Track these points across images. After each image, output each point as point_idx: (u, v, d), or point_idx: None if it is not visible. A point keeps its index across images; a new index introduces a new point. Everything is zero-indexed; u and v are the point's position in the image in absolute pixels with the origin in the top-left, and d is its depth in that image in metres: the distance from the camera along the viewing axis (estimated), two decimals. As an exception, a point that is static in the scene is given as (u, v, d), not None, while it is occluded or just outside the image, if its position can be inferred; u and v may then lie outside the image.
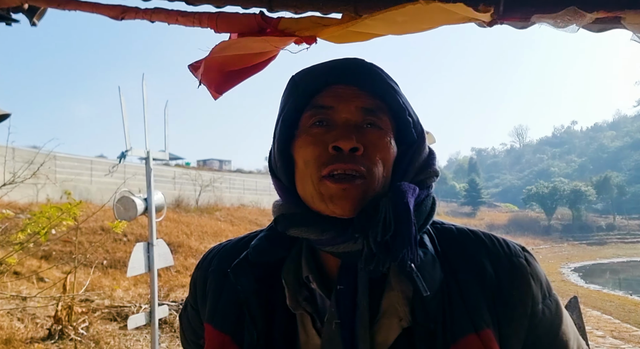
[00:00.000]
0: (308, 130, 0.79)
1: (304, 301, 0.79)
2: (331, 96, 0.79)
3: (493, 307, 0.75)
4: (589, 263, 31.79)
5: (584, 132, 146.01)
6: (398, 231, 0.71)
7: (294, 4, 1.99)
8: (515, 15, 1.69)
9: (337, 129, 0.77)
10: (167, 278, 10.44)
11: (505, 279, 0.77)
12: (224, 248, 0.94)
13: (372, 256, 0.71)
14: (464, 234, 0.82)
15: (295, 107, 0.81)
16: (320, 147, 0.76)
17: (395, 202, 0.72)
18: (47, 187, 12.43)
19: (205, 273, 0.91)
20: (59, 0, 2.00)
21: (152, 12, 1.94)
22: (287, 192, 0.83)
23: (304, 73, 0.84)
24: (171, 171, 26.18)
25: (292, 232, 0.79)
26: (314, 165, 0.76)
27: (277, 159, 0.82)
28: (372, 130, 0.78)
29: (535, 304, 0.77)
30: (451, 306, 0.74)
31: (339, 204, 0.74)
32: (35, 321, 6.20)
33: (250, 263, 0.82)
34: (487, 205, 65.50)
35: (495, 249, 0.80)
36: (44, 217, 4.33)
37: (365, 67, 0.82)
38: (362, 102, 0.78)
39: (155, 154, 4.98)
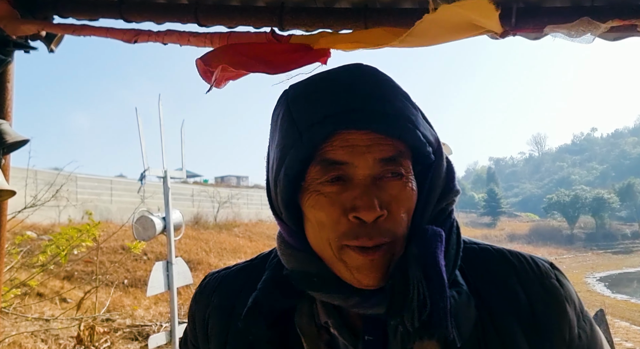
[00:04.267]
0: (319, 187, 0.67)
1: (325, 346, 0.72)
2: (344, 148, 0.66)
3: (530, 336, 0.70)
4: (615, 272, 31.06)
5: (604, 139, 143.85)
6: (434, 308, 0.64)
7: (305, 22, 2.01)
8: (527, 27, 1.67)
9: (356, 190, 0.66)
10: (187, 296, 10.45)
11: (540, 307, 0.71)
12: (223, 280, 0.85)
13: (408, 334, 0.65)
14: (488, 255, 0.76)
15: (298, 160, 0.67)
16: (338, 211, 0.66)
17: (426, 271, 0.65)
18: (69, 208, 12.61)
19: (205, 308, 0.83)
20: (74, 27, 2.04)
21: (165, 34, 1.98)
22: (295, 237, 0.73)
23: (301, 106, 0.69)
24: (189, 189, 26.40)
25: (311, 293, 0.72)
26: (332, 232, 0.67)
27: (281, 208, 0.72)
28: (394, 181, 0.67)
29: (571, 329, 0.72)
30: (485, 340, 0.69)
31: (366, 275, 0.67)
32: (59, 341, 6.24)
33: (258, 311, 0.73)
34: (507, 215, 64.58)
35: (525, 272, 0.74)
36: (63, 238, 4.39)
37: (377, 99, 0.67)
38: (379, 152, 0.66)
39: (172, 173, 5.03)
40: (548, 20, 1.63)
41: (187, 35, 1.94)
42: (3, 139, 2.01)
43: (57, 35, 2.30)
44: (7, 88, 2.23)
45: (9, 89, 2.24)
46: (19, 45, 2.15)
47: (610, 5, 1.63)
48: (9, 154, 2.21)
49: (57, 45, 2.32)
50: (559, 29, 1.52)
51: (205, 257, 14.38)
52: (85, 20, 2.20)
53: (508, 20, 1.66)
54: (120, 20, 2.16)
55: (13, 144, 2.08)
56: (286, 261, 0.75)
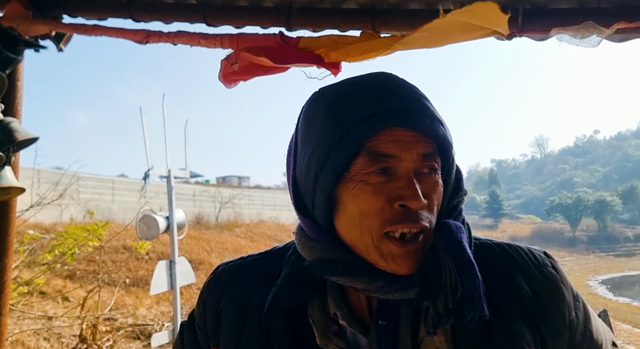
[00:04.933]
0: (366, 177, 0.72)
1: (334, 336, 0.77)
2: (391, 143, 0.72)
3: (534, 325, 0.75)
4: (617, 275, 30.99)
5: (607, 141, 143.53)
6: (467, 293, 0.69)
7: (313, 22, 2.02)
8: (534, 29, 1.69)
9: (400, 181, 0.71)
10: (188, 296, 10.47)
11: (542, 294, 0.77)
12: (238, 271, 0.89)
13: (439, 317, 0.70)
14: (490, 250, 0.81)
15: (347, 152, 0.72)
16: (383, 200, 0.71)
17: (457, 259, 0.71)
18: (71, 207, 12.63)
19: (219, 296, 0.87)
20: (85, 27, 2.06)
21: (175, 35, 1.99)
22: (320, 231, 0.77)
23: (345, 105, 0.75)
24: (191, 189, 26.42)
25: (334, 280, 0.77)
26: (376, 218, 0.71)
27: (320, 202, 0.75)
28: (430, 176, 0.74)
29: (570, 311, 0.79)
30: (489, 333, 0.73)
31: (401, 264, 0.72)
32: (61, 340, 6.26)
33: (277, 307, 0.78)
34: (509, 217, 64.50)
35: (525, 263, 0.80)
36: (71, 238, 4.41)
37: (415, 102, 0.75)
38: (421, 148, 0.73)
39: (176, 172, 5.05)
40: (554, 22, 1.64)
41: (197, 36, 1.96)
42: (13, 137, 2.03)
43: (65, 35, 2.32)
44: (18, 86, 2.26)
45: (19, 88, 2.26)
46: (30, 44, 2.17)
47: (617, 7, 1.64)
48: (19, 151, 2.23)
49: (66, 45, 2.34)
50: (565, 31, 1.53)
51: (206, 258, 14.41)
52: (94, 20, 2.21)
53: (515, 21, 1.67)
54: (129, 20, 2.18)
55: (23, 142, 2.10)
56: (308, 253, 0.79)
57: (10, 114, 2.16)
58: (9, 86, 2.09)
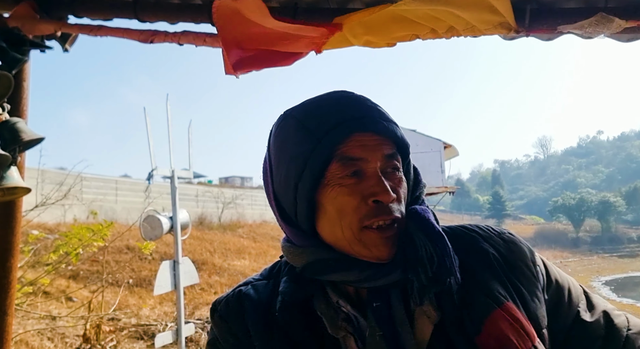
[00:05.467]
0: (340, 181, 0.82)
1: (343, 322, 0.84)
2: (358, 147, 0.82)
3: (506, 279, 0.86)
4: (621, 276, 30.93)
5: (610, 142, 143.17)
6: (442, 262, 0.80)
7: (318, 21, 2.02)
8: (541, 27, 1.68)
9: (370, 180, 0.81)
10: (191, 296, 10.48)
11: (506, 253, 0.89)
12: (244, 298, 0.94)
13: (423, 288, 0.80)
14: (458, 232, 0.93)
15: (321, 159, 0.82)
16: (357, 198, 0.81)
17: (428, 233, 0.82)
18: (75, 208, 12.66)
19: (243, 319, 0.92)
20: (91, 27, 2.06)
21: (181, 35, 1.99)
22: (304, 237, 0.87)
23: (313, 119, 0.84)
24: (194, 189, 26.43)
25: (328, 277, 0.85)
26: (353, 215, 0.81)
27: (302, 208, 0.84)
28: (395, 174, 0.85)
29: (534, 264, 0.90)
30: (469, 294, 0.83)
31: (383, 251, 0.81)
32: (65, 340, 6.28)
33: (288, 303, 0.87)
34: (511, 218, 64.44)
35: (487, 233, 0.93)
36: (75, 238, 4.41)
37: (372, 111, 0.85)
38: (384, 149, 0.83)
39: (179, 172, 5.05)
40: (562, 21, 1.63)
41: (202, 35, 1.96)
42: (19, 137, 2.04)
43: (71, 35, 2.32)
44: (24, 87, 2.26)
45: (25, 88, 2.26)
46: (35, 44, 2.17)
47: (624, 6, 1.63)
48: (24, 151, 2.23)
49: (71, 45, 2.34)
50: (572, 28, 1.52)
51: (209, 258, 14.42)
52: (99, 20, 2.21)
53: (522, 21, 1.66)
54: (134, 20, 2.18)
55: (28, 142, 2.10)
56: (298, 260, 0.88)
57: (16, 114, 2.17)
58: (15, 86, 2.09)
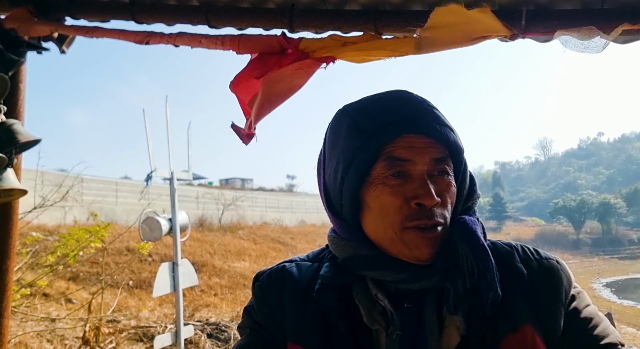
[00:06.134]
0: (385, 180, 0.83)
1: (378, 315, 0.85)
2: (406, 148, 0.83)
3: (533, 305, 0.84)
4: (622, 278, 30.89)
5: (611, 144, 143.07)
6: (482, 275, 0.80)
7: (315, 23, 2.02)
8: (537, 30, 1.67)
9: (415, 183, 0.82)
10: (191, 298, 10.48)
11: (539, 279, 0.87)
12: (287, 274, 0.96)
13: (459, 298, 0.80)
14: (498, 246, 0.92)
15: (369, 156, 0.84)
16: (400, 199, 0.82)
17: (472, 245, 0.82)
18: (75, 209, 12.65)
19: (280, 293, 0.94)
20: (87, 28, 2.06)
21: (176, 36, 1.99)
22: (349, 230, 0.89)
23: (366, 117, 0.86)
24: (194, 191, 26.43)
25: (366, 273, 0.87)
26: (396, 215, 0.82)
27: (346, 202, 0.87)
28: (443, 178, 0.84)
29: (567, 295, 0.87)
30: (494, 312, 0.82)
31: (423, 251, 0.81)
32: (64, 342, 6.27)
33: (327, 286, 0.88)
34: (512, 219, 64.40)
35: (526, 255, 0.90)
36: (73, 239, 4.41)
37: (427, 113, 0.86)
38: (433, 152, 0.83)
39: (179, 174, 5.05)
40: (558, 23, 1.63)
41: (198, 37, 1.96)
42: (15, 139, 2.03)
43: (68, 36, 2.32)
44: (20, 88, 2.25)
45: (22, 90, 2.26)
46: (32, 46, 2.17)
47: (621, 9, 1.62)
48: (21, 153, 2.23)
49: (68, 47, 2.34)
50: (569, 33, 1.52)
51: (209, 259, 14.42)
52: (96, 22, 2.21)
53: (518, 22, 1.66)
54: (132, 22, 2.18)
55: (25, 144, 2.10)
56: (340, 252, 0.91)
57: (12, 116, 2.16)
58: (11, 88, 2.09)
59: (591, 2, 1.73)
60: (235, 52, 1.97)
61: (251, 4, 2.11)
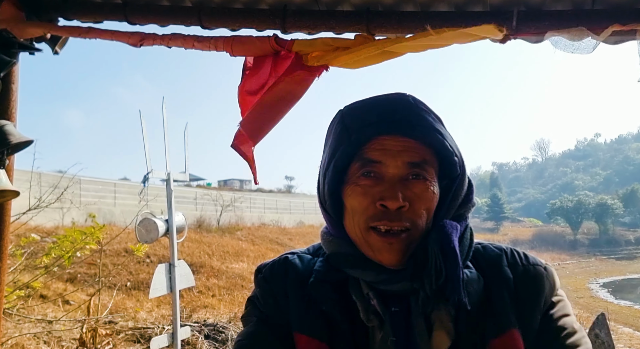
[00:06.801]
0: (357, 181, 0.85)
1: (372, 314, 0.85)
2: (379, 150, 0.83)
3: (517, 310, 0.85)
4: (619, 278, 30.94)
5: (608, 145, 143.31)
6: (449, 277, 0.80)
7: (307, 24, 2.02)
8: (528, 31, 1.68)
9: (384, 184, 0.83)
10: (189, 299, 10.46)
11: (524, 284, 0.87)
12: (289, 265, 0.96)
13: (427, 300, 0.81)
14: (489, 251, 0.92)
15: (346, 156, 0.85)
16: (368, 200, 0.83)
17: (443, 247, 0.81)
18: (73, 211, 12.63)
19: (283, 284, 0.94)
20: (80, 30, 2.06)
21: (170, 38, 1.99)
22: (335, 227, 0.91)
23: (354, 118, 0.88)
24: (192, 192, 26.41)
25: (348, 271, 0.88)
26: (362, 216, 0.84)
27: (326, 197, 0.89)
28: (417, 182, 0.83)
29: (546, 301, 0.87)
30: (482, 315, 0.83)
31: (385, 256, 0.82)
32: (61, 343, 6.25)
33: (321, 281, 0.89)
34: (510, 220, 64.38)
35: (514, 259, 0.90)
36: (67, 241, 4.40)
37: (413, 115, 0.85)
38: (408, 156, 0.83)
39: (175, 175, 5.04)
40: (549, 24, 1.63)
41: (191, 39, 1.96)
42: (7, 140, 2.03)
43: (61, 37, 2.32)
44: (12, 89, 2.25)
45: (14, 91, 2.26)
46: (24, 46, 2.16)
47: (611, 10, 1.63)
48: (13, 154, 2.22)
49: (61, 48, 2.33)
50: (559, 34, 1.52)
51: (207, 261, 14.39)
52: (90, 23, 2.21)
53: (509, 23, 1.67)
54: (125, 23, 2.18)
55: (17, 145, 2.09)
56: (327, 247, 0.93)
57: (4, 117, 2.16)
58: (3, 89, 2.09)
59: (582, 3, 1.73)
60: (229, 54, 1.97)
61: (244, 5, 2.11)
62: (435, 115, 0.89)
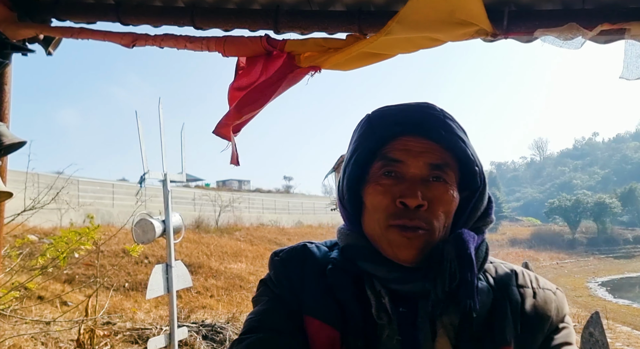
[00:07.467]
0: (378, 179, 0.87)
1: (382, 312, 0.86)
2: (401, 150, 0.86)
3: (517, 327, 0.85)
4: (617, 277, 30.97)
5: (606, 144, 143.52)
6: (463, 280, 0.81)
7: (300, 24, 2.02)
8: (519, 30, 1.68)
9: (405, 184, 0.84)
10: (187, 299, 10.47)
11: (530, 305, 0.88)
12: (308, 254, 0.97)
13: (438, 302, 0.81)
14: (500, 267, 0.94)
15: (369, 152, 0.88)
16: (389, 199, 0.85)
17: (459, 252, 0.82)
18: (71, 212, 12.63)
19: (300, 270, 0.94)
20: (72, 30, 2.06)
21: (162, 39, 1.99)
22: (352, 222, 0.93)
23: (381, 117, 0.91)
24: (191, 192, 26.41)
25: (360, 264, 0.88)
26: (382, 213, 0.85)
27: (345, 192, 0.92)
28: (438, 184, 0.85)
29: (551, 325, 0.88)
30: (482, 328, 0.84)
31: (403, 252, 0.83)
32: (59, 344, 6.24)
33: (338, 268, 0.90)
34: (508, 219, 64.37)
35: (524, 281, 0.91)
36: (62, 242, 4.39)
37: (437, 120, 0.87)
38: (430, 158, 0.85)
39: (172, 176, 5.04)
40: (539, 23, 1.64)
41: (183, 40, 1.96)
42: (0, 141, 2.03)
43: (55, 38, 2.32)
44: (5, 90, 2.25)
45: (7, 92, 2.26)
46: (17, 47, 2.16)
47: (601, 9, 1.64)
48: (7, 155, 2.22)
49: (55, 48, 2.33)
50: (549, 33, 1.53)
51: (206, 261, 14.39)
52: (82, 23, 2.21)
53: (500, 23, 1.67)
54: (117, 23, 2.18)
55: (10, 146, 2.09)
56: (343, 240, 0.94)
57: (-3, 118, 2.16)
58: (-4, 90, 2.08)
59: (572, 2, 1.74)
60: (221, 54, 1.97)
61: (236, 5, 2.11)
62: (460, 125, 0.91)
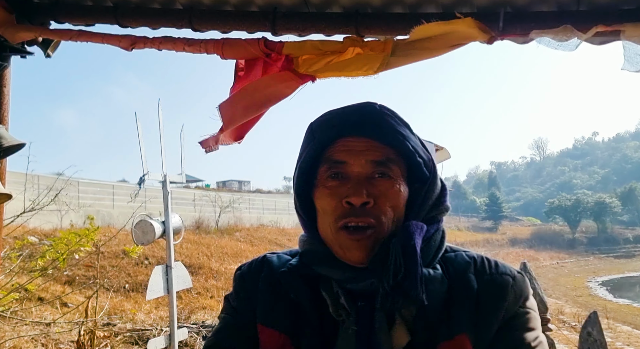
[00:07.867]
0: (324, 182, 0.88)
1: (341, 310, 0.88)
2: (343, 151, 0.87)
3: (472, 314, 0.85)
4: (617, 276, 30.99)
5: (605, 143, 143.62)
6: (407, 273, 0.81)
7: (297, 26, 2.03)
8: (514, 32, 1.69)
9: (350, 183, 0.86)
10: (187, 300, 10.47)
11: (486, 292, 0.87)
12: (266, 263, 1.00)
13: (387, 296, 0.82)
14: (459, 255, 0.93)
15: (311, 158, 0.90)
16: (336, 200, 0.86)
17: (404, 245, 0.83)
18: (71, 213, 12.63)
19: (257, 276, 0.98)
20: (71, 33, 2.07)
21: (160, 41, 2.00)
22: (308, 228, 0.94)
23: (319, 123, 0.92)
24: (191, 193, 26.41)
25: (317, 269, 0.90)
26: (331, 216, 0.87)
27: (296, 200, 0.94)
28: (382, 180, 0.86)
29: (510, 311, 0.86)
30: (438, 317, 0.85)
31: (354, 254, 0.85)
32: (59, 346, 6.24)
33: (291, 272, 0.92)
34: (508, 219, 64.36)
35: (483, 267, 0.90)
36: (62, 243, 4.40)
37: (375, 117, 0.88)
38: (371, 155, 0.86)
39: (172, 177, 5.05)
40: (535, 25, 1.65)
41: (182, 43, 1.97)
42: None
43: (53, 41, 2.32)
44: (4, 93, 2.26)
45: (6, 94, 2.26)
46: (16, 50, 2.17)
47: (595, 11, 1.65)
48: (6, 157, 2.23)
49: (54, 51, 2.34)
50: (544, 34, 1.54)
51: (206, 262, 14.40)
52: (81, 26, 2.22)
53: (495, 25, 1.68)
54: (116, 26, 2.19)
55: (9, 148, 2.09)
56: (301, 246, 0.96)
57: (-4, 121, 2.16)
58: (-5, 92, 2.09)
59: (567, 4, 1.75)
60: (220, 57, 1.98)
61: (234, 8, 2.12)
62: (401, 119, 0.91)
